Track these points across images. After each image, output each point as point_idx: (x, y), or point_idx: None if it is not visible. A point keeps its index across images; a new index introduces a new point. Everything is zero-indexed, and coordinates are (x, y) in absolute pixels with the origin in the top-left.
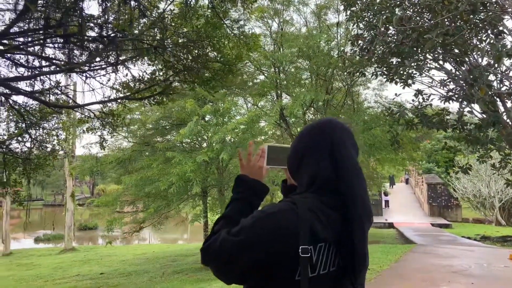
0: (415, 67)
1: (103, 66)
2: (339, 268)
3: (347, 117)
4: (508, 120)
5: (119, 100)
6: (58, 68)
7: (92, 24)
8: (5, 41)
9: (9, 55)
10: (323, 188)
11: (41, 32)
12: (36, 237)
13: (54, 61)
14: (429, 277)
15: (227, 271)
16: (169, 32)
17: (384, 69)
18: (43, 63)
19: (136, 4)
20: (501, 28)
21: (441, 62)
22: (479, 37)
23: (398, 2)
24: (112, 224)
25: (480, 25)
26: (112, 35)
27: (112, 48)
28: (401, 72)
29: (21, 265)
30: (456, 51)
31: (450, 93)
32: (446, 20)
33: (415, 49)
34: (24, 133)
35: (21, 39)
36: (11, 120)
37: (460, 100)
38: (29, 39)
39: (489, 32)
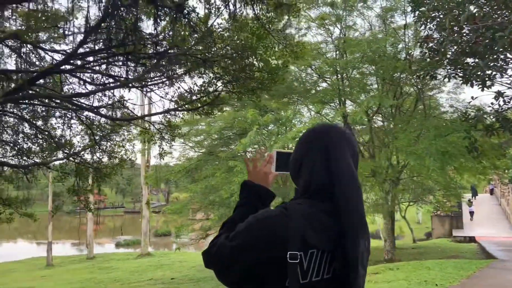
0: (492, 67)
1: (161, 80)
2: (334, 275)
3: (418, 123)
4: None
5: (171, 112)
6: (117, 84)
7: (149, 42)
8: (73, 61)
9: (77, 73)
10: (317, 194)
11: (104, 52)
12: (117, 242)
13: (116, 77)
14: None
15: (226, 275)
16: (217, 45)
17: (458, 70)
18: (107, 80)
19: (186, 21)
20: None
21: None
22: None
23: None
24: (180, 230)
25: None
26: (166, 51)
27: (167, 63)
28: (478, 73)
29: (101, 268)
30: None
31: None
32: None
33: (490, 48)
34: (95, 145)
35: (88, 59)
36: (85, 133)
37: None
38: (94, 58)
39: None
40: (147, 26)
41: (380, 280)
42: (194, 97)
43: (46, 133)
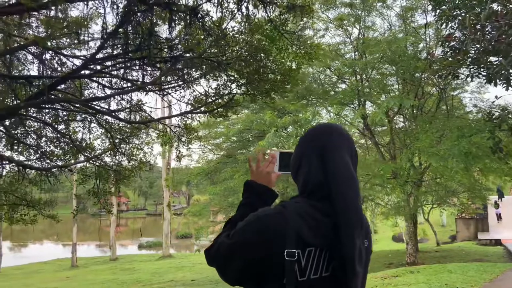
0: None
1: (177, 84)
2: (333, 273)
3: (440, 123)
4: None
5: (187, 115)
6: (133, 88)
7: (165, 46)
8: (92, 66)
9: (96, 78)
10: (315, 193)
11: (121, 56)
12: (139, 244)
13: (133, 82)
14: None
15: (225, 273)
16: (231, 48)
17: (482, 69)
18: (125, 84)
19: (200, 25)
20: None
21: None
22: None
23: None
24: (200, 232)
25: None
26: (181, 54)
27: (182, 66)
28: (502, 72)
29: (124, 269)
30: None
31: None
32: None
33: None
34: (114, 148)
35: (106, 63)
36: (105, 136)
37: None
38: (112, 63)
39: None
40: (163, 30)
41: (400, 283)
42: (209, 100)
43: (68, 136)
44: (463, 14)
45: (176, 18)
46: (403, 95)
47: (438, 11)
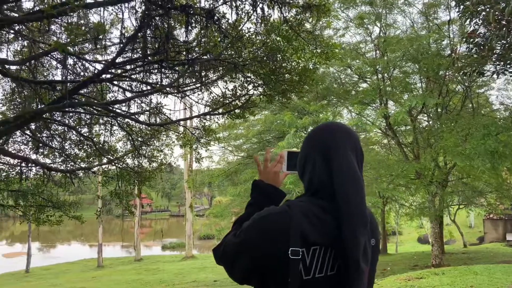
0: None
1: (195, 86)
2: (339, 272)
3: (465, 122)
4: None
5: (206, 116)
6: (152, 90)
7: (183, 49)
8: (112, 70)
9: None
10: (319, 192)
11: (139, 60)
12: (163, 245)
13: (152, 84)
14: None
15: (232, 271)
16: (247, 49)
17: (508, 66)
18: (145, 87)
19: (217, 27)
20: None
21: None
22: None
23: None
24: (221, 233)
25: None
26: (198, 57)
27: (199, 68)
28: None
29: (148, 270)
30: None
31: None
32: None
33: None
34: (135, 150)
35: (126, 67)
36: (127, 139)
37: None
38: (131, 66)
39: None
40: (180, 33)
41: (423, 285)
42: (226, 101)
43: (91, 139)
44: (487, 10)
45: (193, 21)
46: (426, 93)
47: (461, 6)
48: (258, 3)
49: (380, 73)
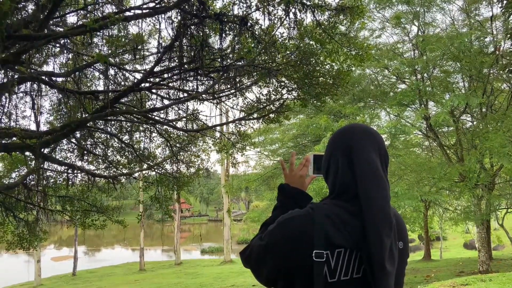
0: None
1: (230, 92)
2: (364, 274)
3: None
4: None
5: (241, 122)
6: (188, 97)
7: (217, 56)
8: (151, 79)
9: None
10: (343, 194)
11: (176, 69)
12: (202, 249)
13: (189, 92)
14: None
15: (258, 274)
16: (281, 54)
17: None
18: (182, 94)
19: (250, 33)
20: None
21: None
22: None
23: None
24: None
25: None
26: (232, 63)
27: (234, 74)
28: None
29: (188, 274)
30: None
31: None
32: None
33: None
34: (173, 156)
35: (164, 76)
36: (165, 145)
37: None
38: (169, 75)
39: None
40: (215, 41)
41: None
42: (261, 106)
43: (131, 146)
44: None
45: (227, 29)
46: (469, 92)
47: (504, 2)
48: (291, 8)
49: (419, 73)
